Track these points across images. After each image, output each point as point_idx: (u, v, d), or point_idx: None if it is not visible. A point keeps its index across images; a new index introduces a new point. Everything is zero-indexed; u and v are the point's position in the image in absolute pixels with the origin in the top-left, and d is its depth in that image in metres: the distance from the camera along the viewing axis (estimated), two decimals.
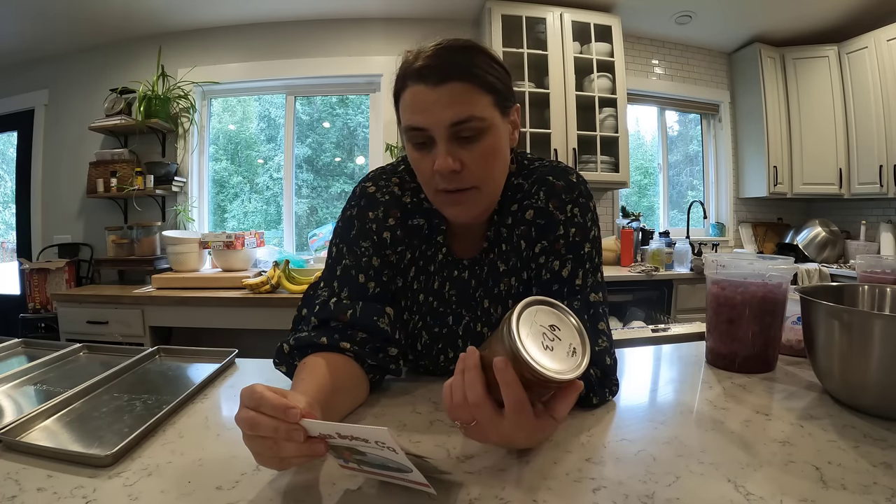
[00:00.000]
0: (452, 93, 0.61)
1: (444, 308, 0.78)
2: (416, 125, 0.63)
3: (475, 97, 0.62)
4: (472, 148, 0.64)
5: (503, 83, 0.66)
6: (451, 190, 0.66)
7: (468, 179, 0.65)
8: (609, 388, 0.69)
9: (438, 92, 0.61)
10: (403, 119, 0.65)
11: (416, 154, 0.66)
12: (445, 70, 0.61)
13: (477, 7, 2.95)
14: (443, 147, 0.63)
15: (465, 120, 0.62)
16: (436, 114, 0.62)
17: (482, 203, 0.69)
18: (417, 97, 0.62)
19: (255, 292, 2.32)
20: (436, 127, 0.62)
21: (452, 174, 0.64)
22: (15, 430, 0.58)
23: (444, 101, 0.61)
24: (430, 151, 0.65)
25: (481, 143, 0.64)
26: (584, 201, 0.73)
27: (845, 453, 0.54)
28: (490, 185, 0.68)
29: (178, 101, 2.96)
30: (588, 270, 0.72)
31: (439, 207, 0.70)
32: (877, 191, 3.04)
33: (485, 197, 0.68)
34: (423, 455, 0.45)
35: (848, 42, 3.13)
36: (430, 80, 0.61)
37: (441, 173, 0.63)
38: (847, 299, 0.80)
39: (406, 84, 0.64)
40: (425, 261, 0.77)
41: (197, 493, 0.48)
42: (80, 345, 0.97)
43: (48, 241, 3.06)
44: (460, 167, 0.64)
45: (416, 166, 0.67)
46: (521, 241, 0.74)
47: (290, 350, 0.70)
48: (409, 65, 0.64)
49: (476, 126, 0.63)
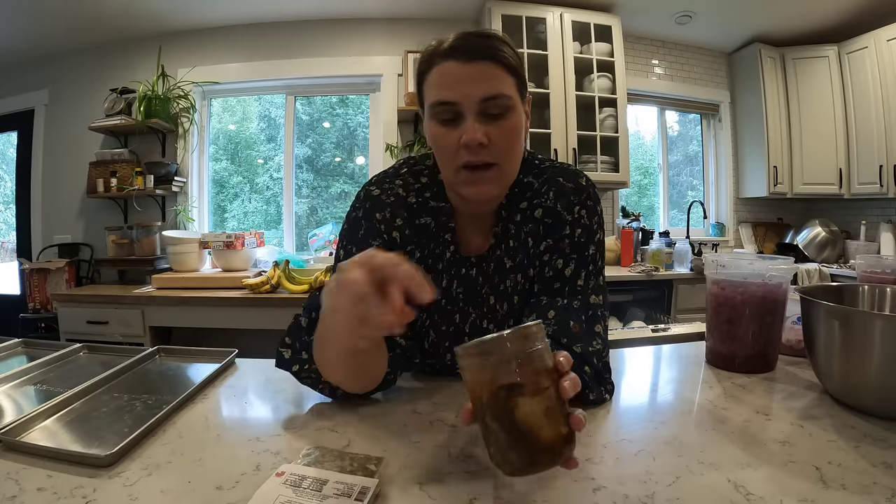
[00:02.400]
0: (483, 70, 0.64)
1: (451, 306, 0.78)
2: (446, 99, 0.65)
3: (503, 77, 0.65)
4: (498, 124, 0.65)
5: (523, 70, 0.69)
6: (474, 165, 0.67)
7: (493, 154, 0.66)
8: (605, 387, 0.69)
9: (470, 68, 0.64)
10: (430, 96, 0.67)
11: (440, 129, 0.67)
12: (475, 49, 0.64)
13: (477, 7, 2.95)
14: (472, 121, 0.64)
15: (495, 96, 0.64)
16: (467, 88, 0.64)
17: (501, 183, 0.70)
18: (448, 73, 0.64)
19: (255, 292, 2.32)
20: (466, 101, 0.64)
21: (479, 147, 0.65)
22: (15, 430, 0.58)
23: (476, 77, 0.64)
24: (455, 127, 0.66)
25: (507, 120, 0.66)
26: (591, 204, 0.74)
27: (845, 453, 0.54)
28: (510, 164, 0.70)
29: (178, 101, 2.96)
30: (590, 272, 0.73)
31: (458, 187, 0.70)
32: (877, 191, 3.04)
33: (503, 176, 0.69)
34: None
35: (848, 42, 3.13)
36: (461, 58, 0.64)
37: (469, 146, 0.65)
38: (847, 299, 0.80)
39: (434, 62, 0.66)
40: (433, 259, 0.78)
41: (197, 493, 0.48)
42: (80, 345, 0.96)
43: (48, 241, 3.06)
44: (487, 141, 0.65)
45: (440, 142, 0.68)
46: (528, 239, 0.75)
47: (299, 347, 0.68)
48: (437, 47, 0.66)
49: (504, 104, 0.65)
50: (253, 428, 0.64)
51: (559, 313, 0.69)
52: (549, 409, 0.42)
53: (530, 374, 0.42)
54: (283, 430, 0.62)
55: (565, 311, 0.69)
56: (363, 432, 0.61)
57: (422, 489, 0.48)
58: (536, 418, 0.41)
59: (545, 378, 0.42)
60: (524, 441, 0.41)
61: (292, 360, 0.69)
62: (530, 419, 0.41)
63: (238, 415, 0.70)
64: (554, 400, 0.42)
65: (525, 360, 0.42)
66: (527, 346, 0.42)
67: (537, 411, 0.41)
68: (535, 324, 0.44)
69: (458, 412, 0.67)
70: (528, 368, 0.42)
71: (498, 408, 0.42)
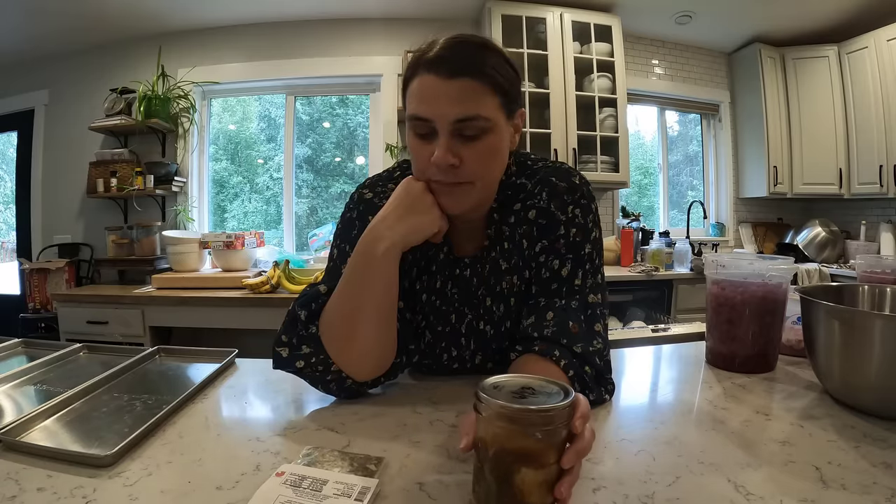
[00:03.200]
0: (462, 88, 0.62)
1: (446, 307, 0.78)
2: (421, 115, 0.64)
3: (483, 97, 0.63)
4: (472, 146, 0.64)
5: (512, 86, 0.67)
6: (444, 183, 0.66)
7: (464, 175, 0.65)
8: (605, 388, 0.69)
9: (448, 85, 0.61)
10: (409, 107, 0.66)
11: (415, 142, 0.67)
12: (458, 64, 0.62)
13: (477, 7, 2.95)
14: (444, 141, 0.63)
15: (470, 118, 0.62)
16: (442, 107, 0.62)
17: (474, 198, 0.69)
18: (427, 87, 0.63)
19: (255, 292, 2.32)
20: (440, 120, 0.62)
21: (449, 168, 0.64)
22: (15, 430, 0.58)
23: (453, 96, 0.62)
24: (430, 142, 0.65)
25: (482, 142, 0.64)
26: (585, 202, 0.73)
27: (845, 453, 0.54)
28: (485, 183, 0.69)
29: (178, 101, 2.96)
30: (588, 271, 0.72)
31: (436, 196, 0.69)
32: (877, 191, 3.04)
33: (478, 193, 0.68)
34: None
35: (848, 42, 3.13)
36: (441, 72, 0.61)
37: (438, 166, 0.64)
38: (847, 299, 0.80)
39: (417, 72, 0.64)
40: (427, 261, 0.78)
41: (197, 493, 0.48)
42: (80, 345, 0.96)
43: (48, 241, 3.06)
44: (458, 163, 0.64)
45: (415, 153, 0.68)
46: (523, 240, 0.75)
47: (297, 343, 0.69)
48: (423, 53, 0.64)
49: (480, 125, 0.63)
50: (253, 428, 0.64)
51: (557, 314, 0.69)
52: (545, 482, 0.42)
53: (542, 449, 0.42)
54: (283, 430, 0.62)
55: (564, 312, 0.69)
56: (363, 432, 0.61)
57: (422, 489, 0.48)
58: (531, 487, 0.42)
59: (554, 454, 0.42)
60: (512, 500, 0.42)
61: (292, 357, 0.68)
62: (525, 486, 0.42)
63: (238, 415, 0.70)
64: (553, 475, 0.42)
65: (544, 437, 0.41)
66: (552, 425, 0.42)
67: (535, 481, 0.42)
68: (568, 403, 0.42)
69: (457, 412, 0.67)
70: (544, 444, 0.42)
71: (500, 466, 0.42)
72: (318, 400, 0.72)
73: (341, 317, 0.65)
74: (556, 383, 0.45)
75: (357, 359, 0.67)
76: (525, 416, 0.41)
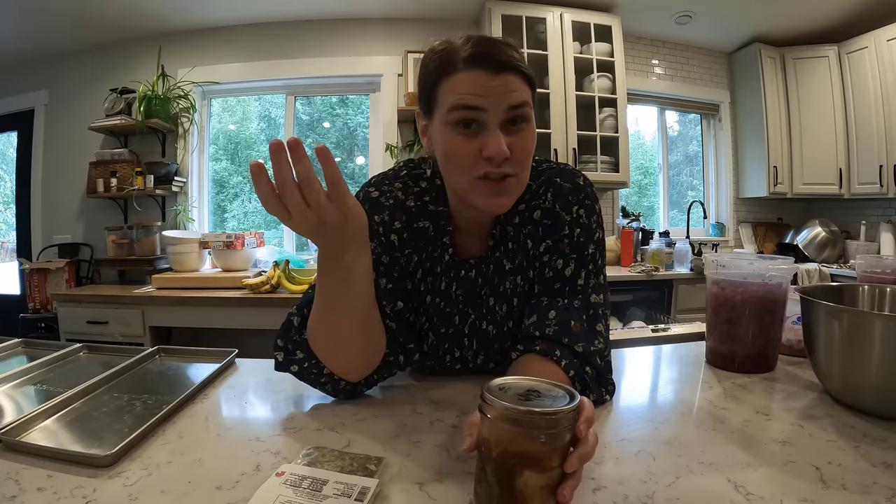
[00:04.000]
0: (508, 81, 0.63)
1: (450, 308, 0.78)
2: (473, 104, 0.63)
3: (524, 88, 0.65)
4: (519, 135, 0.65)
5: (535, 81, 0.69)
6: (494, 177, 0.65)
7: (513, 165, 0.65)
8: (605, 388, 0.69)
9: (498, 79, 0.63)
10: (452, 99, 0.64)
11: (457, 138, 0.64)
12: (501, 60, 0.63)
13: (477, 7, 2.95)
14: (496, 131, 0.63)
15: (520, 105, 0.64)
16: (496, 98, 0.63)
17: (516, 194, 0.69)
18: (476, 81, 0.63)
19: (255, 292, 2.32)
20: (494, 109, 0.63)
21: (503, 160, 0.64)
22: (15, 430, 0.58)
23: (503, 88, 0.63)
24: (475, 137, 0.64)
25: (527, 131, 0.65)
26: (589, 203, 0.74)
27: (845, 453, 0.54)
28: (525, 174, 0.69)
29: (178, 101, 2.96)
30: (591, 271, 0.73)
31: (472, 196, 0.67)
32: (877, 191, 3.04)
33: (519, 187, 0.68)
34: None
35: (848, 42, 3.13)
36: (488, 68, 0.63)
37: (494, 158, 0.63)
38: (847, 299, 0.80)
39: (455, 69, 0.64)
40: (432, 262, 0.78)
41: (197, 493, 0.48)
42: (80, 345, 0.96)
43: (48, 241, 3.06)
44: (509, 153, 0.64)
45: (456, 150, 0.65)
46: (527, 241, 0.75)
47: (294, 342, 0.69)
48: (454, 52, 0.64)
49: (526, 113, 0.65)
50: (253, 428, 0.64)
51: (560, 313, 0.69)
52: (547, 486, 0.42)
53: (546, 453, 0.41)
54: (283, 430, 0.62)
55: (566, 311, 0.69)
56: (363, 432, 0.61)
57: (422, 489, 0.48)
58: (533, 490, 0.42)
59: (557, 458, 0.42)
60: (513, 503, 0.42)
61: (287, 362, 0.69)
62: (527, 489, 0.41)
63: (238, 415, 0.70)
64: (555, 478, 0.42)
65: (548, 440, 0.41)
66: (557, 429, 0.41)
67: (537, 485, 0.41)
68: (573, 407, 0.42)
69: (458, 412, 0.67)
70: (547, 447, 0.41)
71: (502, 469, 0.42)
72: (318, 400, 0.72)
73: (319, 322, 0.65)
74: (561, 387, 0.45)
75: (343, 361, 0.67)
76: (530, 419, 0.41)
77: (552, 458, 0.42)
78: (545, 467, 0.41)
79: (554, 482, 0.42)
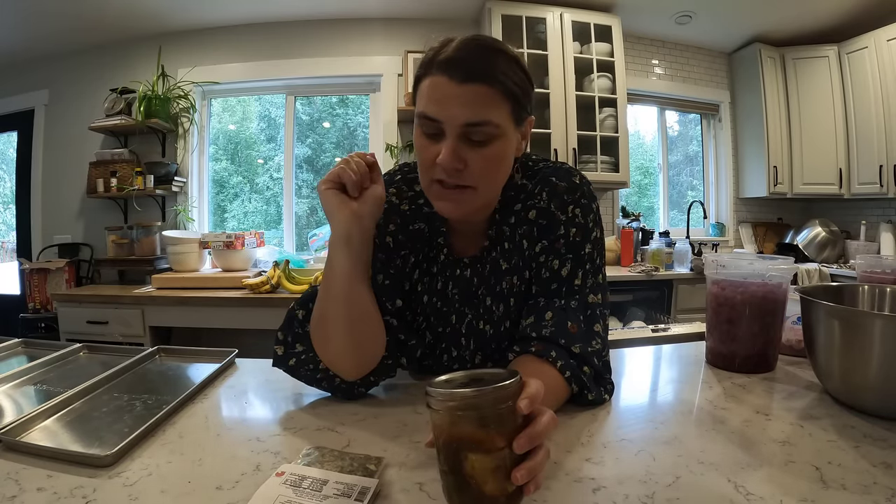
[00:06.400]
0: (474, 93, 0.61)
1: (447, 308, 0.78)
2: (430, 115, 0.63)
3: (494, 103, 0.62)
4: (479, 151, 0.63)
5: (524, 93, 0.66)
6: (447, 185, 0.65)
7: (467, 179, 0.65)
8: (604, 388, 0.69)
9: (461, 89, 0.61)
10: (419, 105, 0.65)
11: (422, 140, 0.66)
12: (472, 69, 0.61)
13: (477, 7, 2.95)
14: (451, 143, 0.62)
15: (479, 123, 0.62)
16: (453, 109, 0.61)
17: (475, 203, 0.68)
18: (438, 88, 0.62)
19: (255, 292, 2.32)
20: (449, 122, 0.62)
21: (454, 171, 0.64)
22: (15, 430, 0.58)
23: (464, 100, 0.61)
24: (437, 142, 0.64)
25: (489, 148, 0.64)
26: (586, 202, 0.73)
27: (845, 453, 0.54)
28: (487, 189, 0.68)
29: (178, 101, 2.96)
30: (588, 271, 0.72)
31: (430, 198, 0.69)
32: (877, 191, 3.04)
33: (479, 198, 0.68)
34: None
35: (848, 42, 3.13)
36: (455, 75, 0.61)
37: (443, 167, 0.63)
38: (847, 299, 0.80)
39: (430, 72, 0.63)
40: (428, 263, 0.78)
41: (197, 493, 0.48)
42: (80, 345, 0.96)
43: (48, 241, 3.06)
44: (463, 167, 0.63)
45: (420, 152, 0.67)
46: (523, 241, 0.75)
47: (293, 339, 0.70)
48: (437, 53, 0.63)
49: (488, 132, 0.63)
50: (253, 428, 0.64)
51: (557, 314, 0.69)
52: (498, 468, 0.41)
53: (488, 433, 0.41)
54: (283, 430, 0.62)
55: (563, 312, 0.69)
56: (363, 432, 0.61)
57: (422, 489, 0.48)
58: (483, 474, 0.41)
59: (502, 439, 0.41)
60: (469, 489, 0.42)
61: (286, 355, 0.70)
62: (476, 474, 0.41)
63: (238, 415, 0.70)
64: (507, 460, 0.41)
65: (488, 419, 0.41)
66: (495, 405, 0.41)
67: (486, 468, 0.41)
68: (513, 382, 0.42)
69: None
70: (489, 428, 0.41)
71: (450, 455, 0.42)
72: (318, 400, 0.72)
73: (318, 317, 0.66)
74: (509, 371, 0.45)
75: (335, 357, 0.67)
76: (460, 402, 0.41)
77: (494, 439, 0.41)
78: (489, 449, 0.41)
79: (506, 464, 0.42)
